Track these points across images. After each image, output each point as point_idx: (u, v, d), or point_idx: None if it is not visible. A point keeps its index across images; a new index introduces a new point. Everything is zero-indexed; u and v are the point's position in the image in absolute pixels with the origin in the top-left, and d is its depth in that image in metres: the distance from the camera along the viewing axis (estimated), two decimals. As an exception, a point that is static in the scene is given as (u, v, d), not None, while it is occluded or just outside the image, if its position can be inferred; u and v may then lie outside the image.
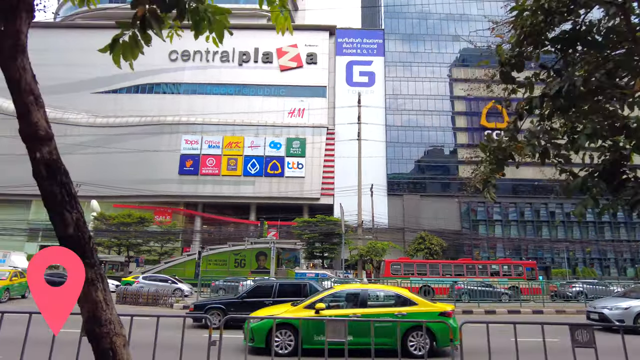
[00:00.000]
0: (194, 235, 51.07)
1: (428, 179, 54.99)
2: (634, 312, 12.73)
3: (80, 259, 2.40)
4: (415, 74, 58.03)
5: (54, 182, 2.39)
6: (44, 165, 2.39)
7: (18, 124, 2.48)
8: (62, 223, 2.38)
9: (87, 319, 2.38)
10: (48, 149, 2.43)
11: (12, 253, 32.43)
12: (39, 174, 2.39)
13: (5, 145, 52.94)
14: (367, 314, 8.76)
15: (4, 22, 2.40)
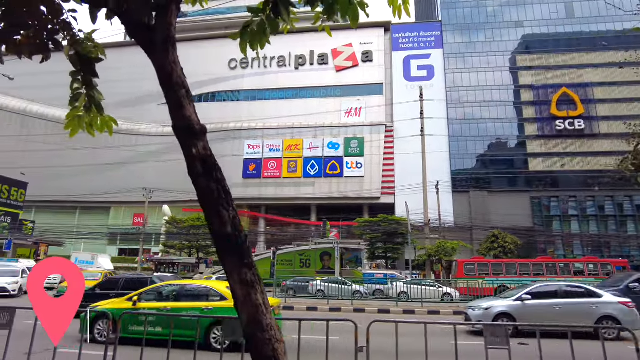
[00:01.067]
0: (258, 236, 52.37)
1: (495, 174, 52.18)
2: (493, 313, 11.34)
3: (239, 259, 2.25)
4: (477, 65, 55.40)
5: (210, 179, 2.29)
6: (200, 161, 2.29)
7: (171, 119, 2.41)
8: (220, 221, 2.27)
9: (248, 323, 2.25)
10: (203, 144, 2.34)
11: (99, 255, 35.11)
12: (195, 171, 2.30)
13: (86, 156, 57.72)
14: (177, 307, 8.97)
15: (156, 17, 2.34)
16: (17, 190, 46.59)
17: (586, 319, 10.49)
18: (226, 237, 2.26)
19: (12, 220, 45.08)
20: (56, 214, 58.67)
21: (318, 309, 16.12)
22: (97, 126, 3.83)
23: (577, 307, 11.00)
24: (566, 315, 10.65)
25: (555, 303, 11.13)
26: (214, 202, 2.25)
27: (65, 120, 3.82)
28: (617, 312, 10.62)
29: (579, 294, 11.37)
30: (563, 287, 11.82)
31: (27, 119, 61.33)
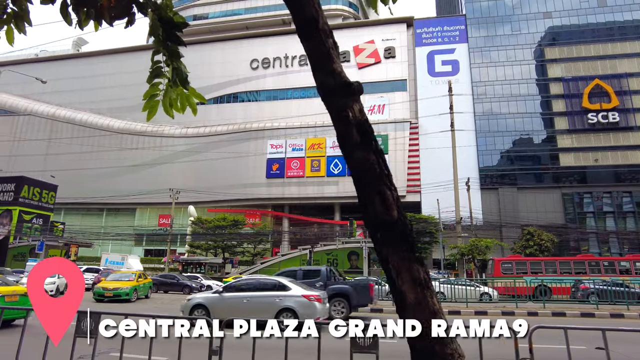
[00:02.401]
0: (282, 235, 52.12)
1: (524, 170, 50.64)
2: (191, 304, 11.79)
3: (409, 252, 1.76)
4: (503, 59, 53.92)
5: (369, 150, 1.81)
6: (357, 128, 1.81)
7: (315, 79, 1.93)
8: (383, 204, 1.78)
9: (423, 334, 1.74)
10: (359, 107, 1.86)
11: (129, 256, 35.41)
12: (350, 141, 1.82)
13: (112, 159, 58.64)
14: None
15: None
16: (48, 193, 47.50)
17: (269, 311, 10.81)
18: (391, 224, 1.77)
19: (44, 222, 45.98)
20: (84, 215, 59.79)
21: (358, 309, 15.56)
22: (178, 107, 3.40)
23: (263, 299, 11.25)
24: (253, 308, 11.07)
25: (245, 296, 11.43)
26: (375, 179, 1.77)
27: (143, 100, 3.39)
28: (296, 305, 10.96)
29: (269, 287, 11.66)
30: (260, 280, 12.24)
31: (55, 124, 62.66)
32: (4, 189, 43.95)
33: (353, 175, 1.78)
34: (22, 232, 43.32)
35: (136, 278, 18.44)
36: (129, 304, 16.84)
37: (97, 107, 63.23)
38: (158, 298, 20.88)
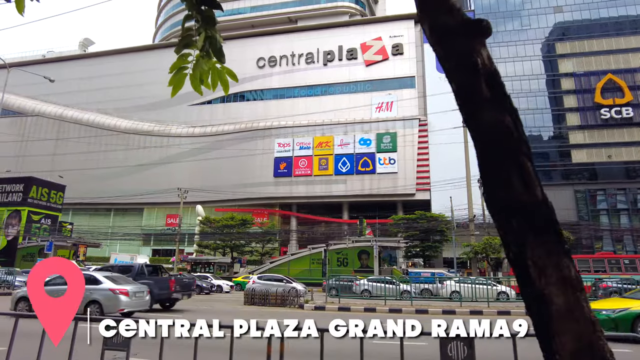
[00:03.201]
0: (290, 235, 51.74)
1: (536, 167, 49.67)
2: (16, 297, 12.29)
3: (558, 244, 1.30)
4: (513, 54, 53.18)
5: (503, 109, 1.35)
6: (486, 79, 1.35)
7: (422, 20, 1.47)
8: (522, 180, 1.33)
9: (575, 351, 1.28)
10: (487, 53, 1.40)
11: (138, 256, 35.18)
12: (478, 96, 1.36)
13: (119, 159, 58.58)
14: None
15: None
16: (56, 193, 47.46)
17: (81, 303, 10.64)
18: (534, 206, 1.31)
19: (52, 222, 45.95)
20: (92, 216, 59.82)
21: (377, 309, 15.13)
22: (208, 83, 2.97)
23: None
24: None
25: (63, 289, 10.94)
26: (512, 146, 1.32)
27: (170, 73, 2.96)
28: (102, 297, 11.53)
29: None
30: None
31: (63, 124, 62.76)
32: (13, 189, 43.96)
33: (478, 143, 1.34)
34: (31, 233, 43.31)
35: (146, 278, 18.06)
36: (139, 304, 16.46)
37: (104, 107, 63.22)
38: (168, 298, 20.50)
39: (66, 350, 4.18)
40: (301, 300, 16.98)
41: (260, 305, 17.12)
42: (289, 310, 15.88)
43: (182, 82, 3.02)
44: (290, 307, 16.52)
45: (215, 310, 15.78)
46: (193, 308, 15.58)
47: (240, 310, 15.63)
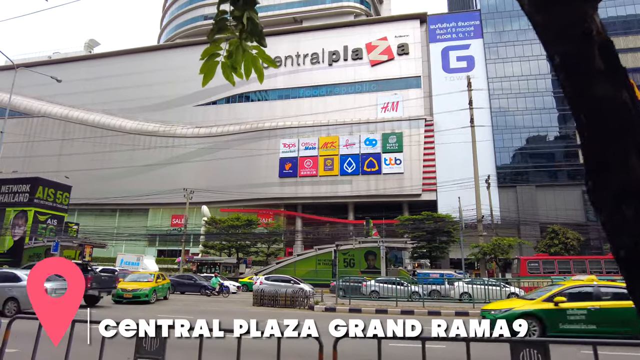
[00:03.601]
0: (295, 235, 51.57)
1: (543, 167, 49.47)
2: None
3: None
4: (520, 53, 52.79)
5: (618, 82, 1.16)
6: (600, 48, 1.17)
7: None
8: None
9: None
10: (600, 20, 1.21)
11: (144, 257, 35.10)
12: (589, 68, 1.17)
13: (124, 159, 58.64)
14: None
15: None
16: (62, 194, 47.51)
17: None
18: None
19: (58, 222, 45.99)
20: (97, 216, 59.92)
21: (388, 311, 14.92)
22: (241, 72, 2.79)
23: None
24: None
25: None
26: (631, 123, 1.14)
27: (201, 59, 2.80)
28: (19, 294, 11.56)
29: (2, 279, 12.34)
30: None
31: (69, 125, 62.95)
32: (20, 189, 44.02)
33: (586, 122, 1.15)
34: (38, 233, 43.33)
35: (155, 279, 17.97)
36: (148, 305, 16.36)
37: (109, 107, 63.37)
38: (176, 299, 20.40)
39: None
40: (311, 302, 16.78)
41: (270, 306, 16.95)
42: (300, 311, 15.69)
43: (214, 71, 2.86)
44: (300, 309, 16.33)
45: (225, 310, 15.61)
46: (203, 309, 15.44)
47: (251, 311, 15.46)
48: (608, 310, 9.43)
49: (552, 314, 9.51)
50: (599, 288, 10.11)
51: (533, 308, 9.75)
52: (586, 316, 9.48)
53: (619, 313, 9.25)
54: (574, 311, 9.54)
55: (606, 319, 9.31)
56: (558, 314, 9.51)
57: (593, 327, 9.37)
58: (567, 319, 9.51)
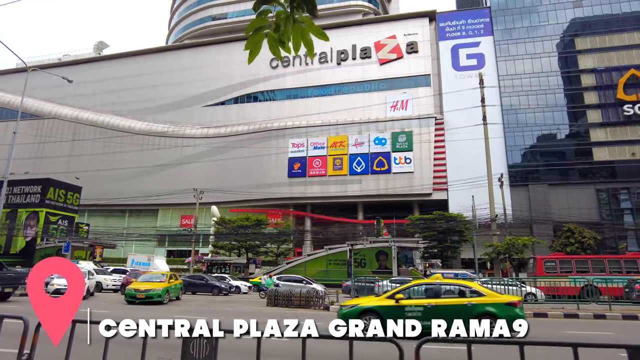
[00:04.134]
0: (304, 235, 51.33)
1: (555, 166, 48.72)
2: None
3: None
4: (531, 51, 52.13)
5: None
6: None
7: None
8: None
9: None
10: None
11: (155, 257, 35.08)
12: None
13: (133, 160, 58.84)
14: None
15: None
16: (73, 195, 47.77)
17: None
18: None
19: (69, 223, 46.24)
20: (107, 217, 60.17)
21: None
22: (288, 46, 2.55)
23: None
24: None
25: None
26: None
27: (247, 33, 2.55)
28: None
29: None
30: None
31: (79, 126, 63.35)
32: (31, 191, 44.33)
33: None
34: (49, 234, 43.60)
35: (167, 279, 17.80)
36: (161, 306, 16.19)
37: (119, 109, 63.66)
38: (189, 300, 20.24)
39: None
40: (326, 302, 16.52)
41: (284, 306, 16.70)
42: (316, 312, 15.43)
43: (260, 45, 2.60)
44: (315, 309, 16.07)
45: (239, 311, 15.39)
46: (217, 309, 15.24)
47: (266, 312, 15.21)
48: (443, 307, 9.72)
49: (391, 310, 9.80)
50: (440, 286, 10.34)
51: (375, 304, 10.17)
52: (422, 312, 9.76)
53: (452, 309, 9.60)
54: (412, 308, 9.84)
55: (439, 315, 9.08)
56: (397, 311, 9.79)
57: (428, 323, 9.19)
58: (405, 315, 9.73)
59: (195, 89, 60.87)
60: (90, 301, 17.45)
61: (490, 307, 9.44)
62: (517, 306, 9.55)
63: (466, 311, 9.36)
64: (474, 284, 10.60)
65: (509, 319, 8.25)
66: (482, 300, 9.61)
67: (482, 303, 9.54)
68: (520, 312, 9.51)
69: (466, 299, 9.71)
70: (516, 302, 9.64)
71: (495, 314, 9.20)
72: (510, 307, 9.43)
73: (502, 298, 9.94)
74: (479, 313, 9.26)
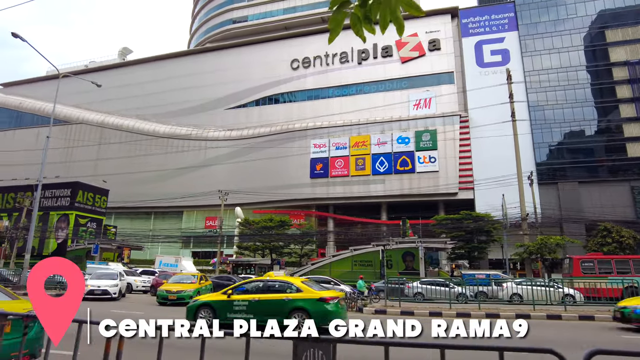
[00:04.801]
0: (327, 236, 51.09)
1: (585, 162, 47.10)
2: None
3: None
4: (558, 45, 50.62)
5: None
6: None
7: None
8: None
9: None
10: None
11: (183, 258, 35.46)
12: None
13: (158, 163, 59.80)
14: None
15: None
16: (100, 197, 48.84)
17: None
18: None
19: (97, 225, 47.27)
20: (133, 219, 61.30)
21: (443, 314, 14.19)
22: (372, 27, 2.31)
23: None
24: None
25: None
26: None
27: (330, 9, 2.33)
28: None
29: None
30: None
31: (105, 131, 64.81)
32: (62, 194, 45.50)
33: None
34: (78, 236, 44.66)
35: (198, 280, 17.85)
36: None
37: (143, 113, 64.85)
38: (218, 300, 20.23)
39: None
40: (359, 304, 16.21)
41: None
42: (350, 313, 15.15)
43: (342, 23, 2.37)
44: (349, 311, 15.80)
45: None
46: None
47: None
48: (264, 301, 10.63)
49: (222, 305, 10.85)
50: (267, 283, 11.27)
51: (210, 299, 11.27)
52: (247, 307, 10.72)
53: (271, 304, 10.53)
54: (239, 302, 10.78)
55: (261, 309, 10.49)
56: (227, 305, 10.80)
57: (251, 316, 10.52)
58: (233, 309, 10.74)
59: (217, 92, 61.48)
60: (122, 302, 17.64)
61: (302, 302, 10.23)
62: (329, 302, 10.18)
63: (282, 305, 10.29)
64: (296, 281, 11.32)
65: (318, 313, 9.79)
66: (297, 296, 10.42)
67: (296, 298, 10.35)
68: (333, 308, 10.11)
69: (285, 294, 10.54)
70: (327, 298, 10.25)
71: (305, 308, 10.10)
72: (321, 302, 10.10)
73: (315, 294, 10.43)
74: (292, 307, 10.20)
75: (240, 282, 12.09)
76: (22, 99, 73.03)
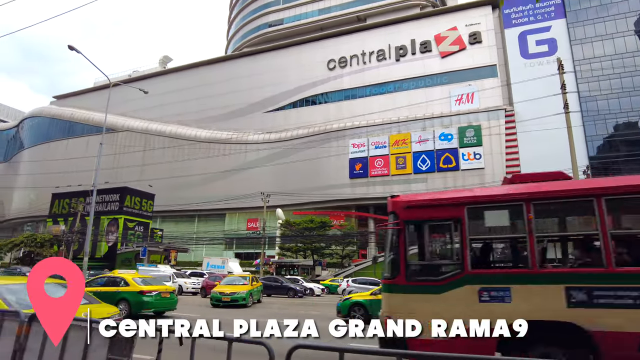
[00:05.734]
0: (368, 237, 50.42)
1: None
2: None
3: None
4: (611, 30, 47.64)
5: None
6: None
7: None
8: None
9: None
10: None
11: (229, 260, 36.01)
12: None
13: (200, 167, 61.20)
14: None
15: None
16: (147, 202, 50.60)
17: None
18: None
19: (144, 229, 48.95)
20: (177, 222, 63.07)
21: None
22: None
23: None
24: None
25: None
26: None
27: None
28: None
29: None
30: None
31: (149, 137, 67.11)
32: (111, 199, 47.46)
33: None
34: (127, 239, 46.41)
35: (250, 282, 17.88)
36: (246, 309, 16.20)
37: (184, 119, 66.65)
38: (268, 302, 20.24)
39: None
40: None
41: (369, 310, 16.06)
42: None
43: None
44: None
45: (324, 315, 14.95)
46: (304, 313, 14.92)
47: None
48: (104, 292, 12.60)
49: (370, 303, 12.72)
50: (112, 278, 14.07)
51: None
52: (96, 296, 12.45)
53: (107, 294, 12.23)
54: None
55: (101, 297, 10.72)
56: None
57: None
58: None
59: (255, 96, 62.25)
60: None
61: (126, 294, 12.75)
62: (145, 294, 12.68)
63: (113, 296, 12.58)
64: (127, 277, 13.59)
65: (136, 302, 12.35)
66: (124, 289, 12.97)
67: (123, 291, 12.90)
68: (147, 299, 12.62)
69: (117, 287, 13.09)
70: (145, 291, 12.74)
71: (127, 299, 12.62)
72: (139, 294, 12.64)
73: (137, 288, 12.87)
74: (119, 298, 12.61)
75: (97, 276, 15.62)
76: (73, 110, 76.95)
